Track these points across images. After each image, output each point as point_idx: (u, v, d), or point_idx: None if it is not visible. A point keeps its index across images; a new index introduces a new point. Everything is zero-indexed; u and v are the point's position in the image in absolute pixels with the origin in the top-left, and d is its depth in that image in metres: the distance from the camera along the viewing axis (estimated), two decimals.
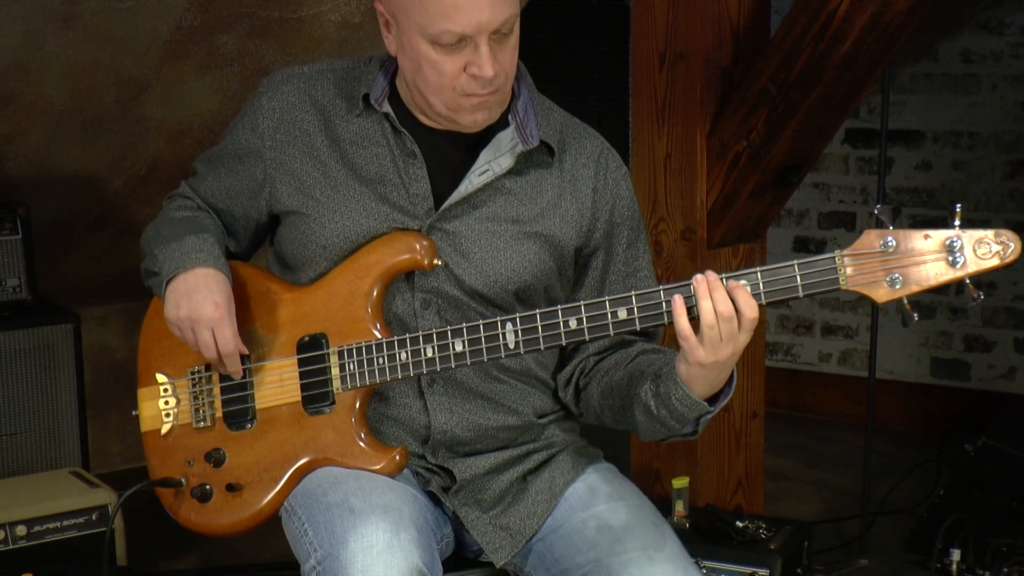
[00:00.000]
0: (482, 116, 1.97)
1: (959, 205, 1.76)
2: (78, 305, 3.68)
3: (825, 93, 2.98)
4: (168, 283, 2.03)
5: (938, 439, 4.10)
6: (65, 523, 2.94)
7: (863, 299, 5.45)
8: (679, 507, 2.98)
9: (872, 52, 2.95)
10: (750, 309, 1.80)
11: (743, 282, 1.81)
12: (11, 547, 2.87)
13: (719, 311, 1.79)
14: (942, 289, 4.77)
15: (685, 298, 1.82)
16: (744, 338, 1.83)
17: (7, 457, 3.23)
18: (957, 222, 1.74)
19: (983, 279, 5.14)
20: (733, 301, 1.80)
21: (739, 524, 2.90)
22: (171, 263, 2.03)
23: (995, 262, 1.72)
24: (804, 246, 5.11)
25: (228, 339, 1.99)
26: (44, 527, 2.92)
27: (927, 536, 3.43)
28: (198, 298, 1.99)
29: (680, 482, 3.00)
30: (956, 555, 3.08)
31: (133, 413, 2.16)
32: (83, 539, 2.96)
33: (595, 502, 2.03)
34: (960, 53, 4.70)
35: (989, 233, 1.72)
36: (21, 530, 2.89)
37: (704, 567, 2.82)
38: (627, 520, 1.98)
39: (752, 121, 3.05)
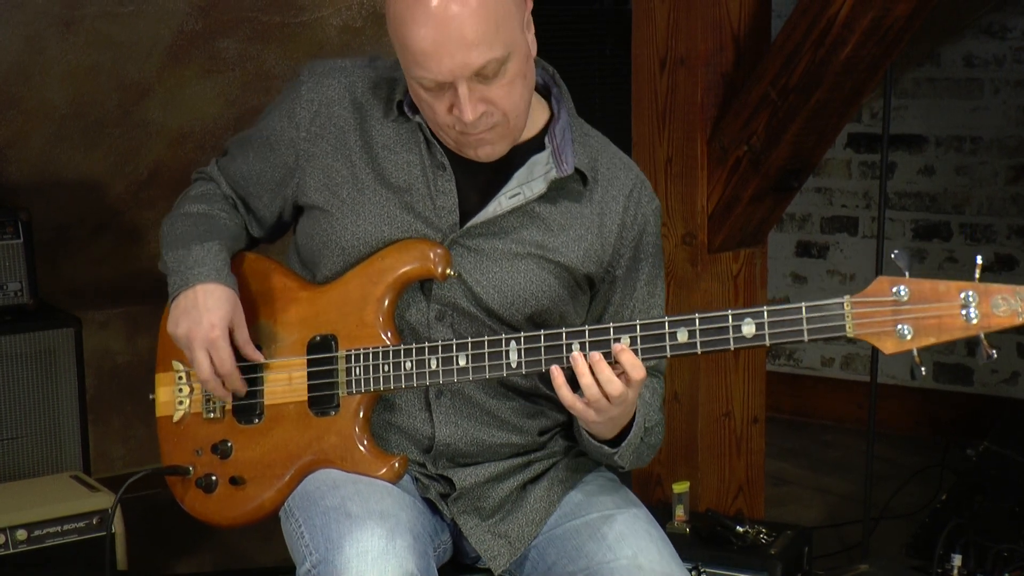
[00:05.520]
0: (485, 151, 1.94)
1: (979, 257, 1.69)
2: (80, 309, 3.68)
3: (826, 98, 2.98)
4: (173, 299, 2.04)
5: (940, 444, 4.10)
6: (66, 527, 2.94)
7: None
8: (679, 512, 2.97)
9: (873, 57, 2.95)
10: (637, 371, 1.80)
11: (626, 342, 1.81)
12: (11, 551, 2.86)
13: (606, 391, 1.81)
14: None
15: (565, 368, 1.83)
16: (634, 394, 1.84)
17: (8, 461, 3.23)
18: (977, 274, 1.67)
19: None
20: (619, 363, 1.80)
21: (739, 529, 2.89)
22: (176, 276, 2.04)
23: (1011, 320, 1.65)
24: (806, 251, 5.11)
25: (224, 360, 2.00)
26: (45, 531, 2.92)
27: (929, 541, 3.42)
28: (195, 316, 1.99)
29: (681, 487, 2.99)
30: (957, 560, 3.06)
31: (150, 397, 2.17)
32: (84, 543, 2.95)
33: (591, 510, 2.03)
34: (962, 57, 4.70)
35: (1007, 289, 1.64)
36: (21, 534, 2.88)
37: (704, 572, 2.82)
38: (621, 529, 1.98)
39: (753, 126, 3.05)
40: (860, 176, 4.97)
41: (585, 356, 1.82)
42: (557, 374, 1.82)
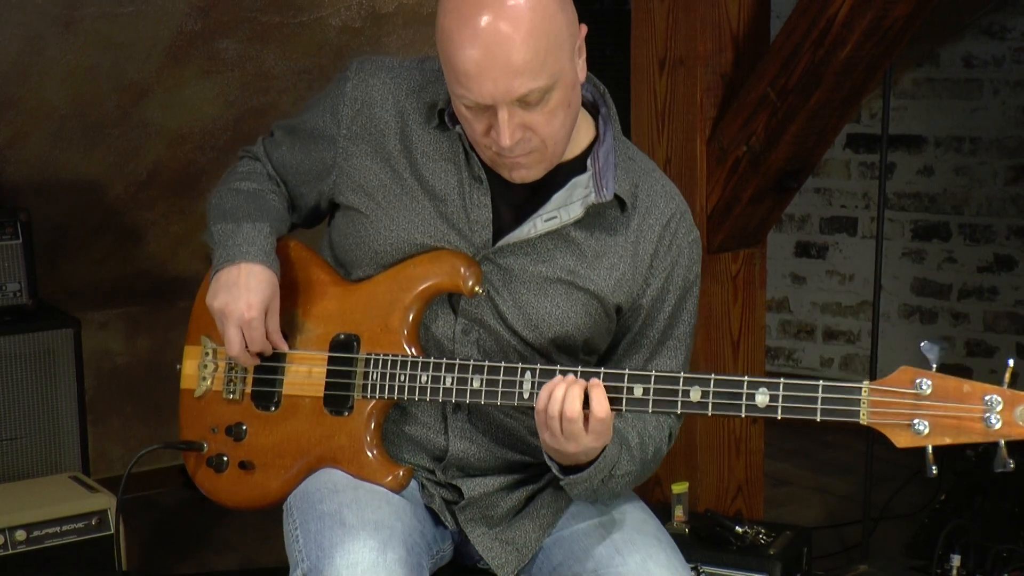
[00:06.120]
0: (520, 174, 1.90)
1: (1011, 360, 1.63)
2: (79, 310, 3.69)
3: (825, 98, 2.98)
4: (215, 272, 2.03)
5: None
6: (65, 528, 2.94)
7: (865, 304, 5.42)
8: (679, 512, 2.97)
9: (872, 57, 2.95)
10: (600, 409, 1.76)
11: (599, 379, 1.78)
12: (11, 552, 2.87)
13: (559, 409, 1.77)
14: (944, 292, 4.81)
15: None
16: (591, 441, 1.79)
17: (7, 462, 3.23)
18: (1007, 378, 1.62)
19: (985, 286, 5.07)
20: (587, 397, 1.77)
21: (739, 529, 2.89)
22: (222, 251, 2.03)
23: None
24: (806, 251, 5.11)
25: (256, 340, 2.00)
26: (44, 532, 2.92)
27: (928, 542, 3.42)
28: (235, 293, 1.98)
29: (680, 487, 2.99)
30: (956, 561, 3.06)
31: (176, 367, 2.18)
32: (83, 544, 2.96)
33: (598, 513, 2.02)
34: (962, 58, 4.70)
35: None
36: (21, 535, 2.89)
37: (703, 573, 2.82)
38: (628, 532, 1.97)
39: (752, 126, 3.05)
40: (859, 176, 4.97)
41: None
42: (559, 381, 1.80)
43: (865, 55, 2.93)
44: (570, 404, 1.77)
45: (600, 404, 1.77)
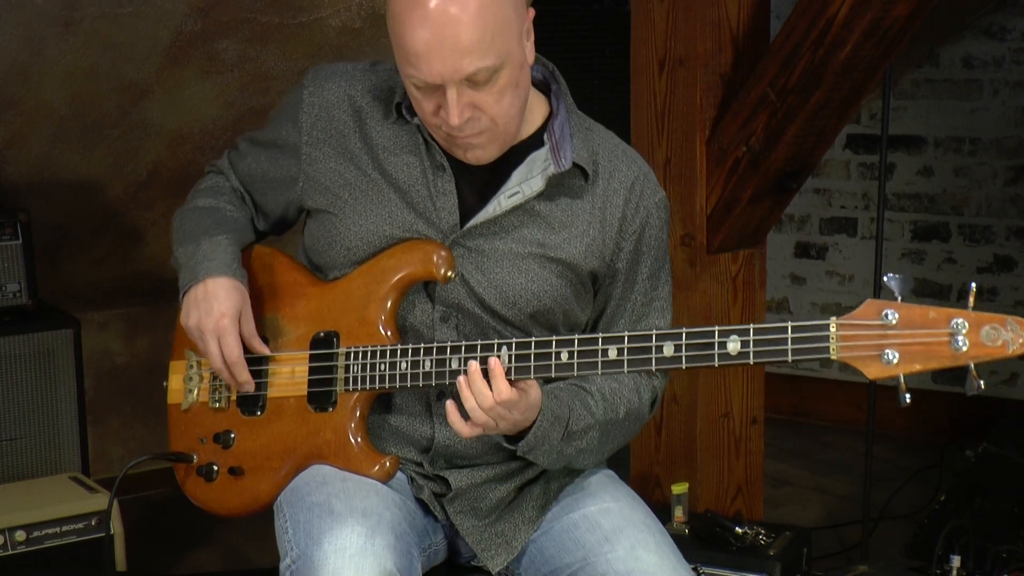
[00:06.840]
0: (474, 154, 1.95)
1: (973, 284, 1.63)
2: (79, 310, 3.68)
3: (824, 98, 2.98)
4: (184, 294, 2.08)
5: (939, 445, 4.10)
6: (64, 528, 2.94)
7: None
8: (678, 513, 2.97)
9: (872, 57, 2.95)
10: (500, 392, 1.82)
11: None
12: (10, 552, 2.87)
13: (480, 403, 1.83)
14: (944, 292, 4.80)
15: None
16: (510, 416, 1.84)
17: (7, 462, 3.23)
18: (971, 301, 1.62)
19: (984, 286, 5.07)
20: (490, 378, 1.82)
21: (738, 530, 2.89)
22: (186, 271, 2.09)
23: (1001, 351, 1.58)
24: (805, 251, 5.11)
25: (231, 347, 2.02)
26: (43, 532, 2.92)
27: (928, 542, 3.42)
28: (205, 307, 2.03)
29: (679, 488, 2.99)
30: (956, 561, 3.06)
31: (163, 384, 2.21)
32: (82, 544, 2.96)
33: (587, 503, 2.04)
34: (961, 59, 4.70)
35: (998, 318, 1.58)
36: (20, 535, 2.88)
37: (703, 573, 2.82)
38: (618, 521, 1.99)
39: (752, 126, 3.05)
40: (859, 177, 4.97)
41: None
42: (451, 409, 1.86)
43: (865, 55, 2.93)
44: (480, 396, 1.83)
45: (498, 389, 1.82)
